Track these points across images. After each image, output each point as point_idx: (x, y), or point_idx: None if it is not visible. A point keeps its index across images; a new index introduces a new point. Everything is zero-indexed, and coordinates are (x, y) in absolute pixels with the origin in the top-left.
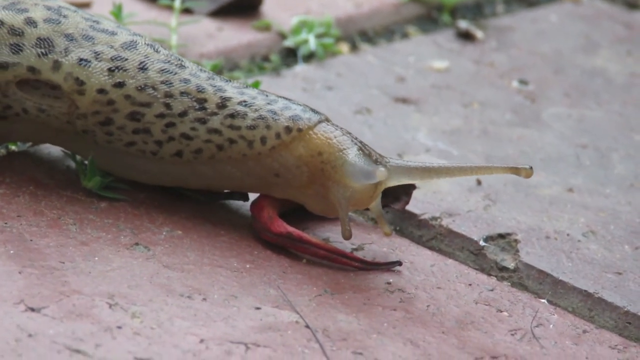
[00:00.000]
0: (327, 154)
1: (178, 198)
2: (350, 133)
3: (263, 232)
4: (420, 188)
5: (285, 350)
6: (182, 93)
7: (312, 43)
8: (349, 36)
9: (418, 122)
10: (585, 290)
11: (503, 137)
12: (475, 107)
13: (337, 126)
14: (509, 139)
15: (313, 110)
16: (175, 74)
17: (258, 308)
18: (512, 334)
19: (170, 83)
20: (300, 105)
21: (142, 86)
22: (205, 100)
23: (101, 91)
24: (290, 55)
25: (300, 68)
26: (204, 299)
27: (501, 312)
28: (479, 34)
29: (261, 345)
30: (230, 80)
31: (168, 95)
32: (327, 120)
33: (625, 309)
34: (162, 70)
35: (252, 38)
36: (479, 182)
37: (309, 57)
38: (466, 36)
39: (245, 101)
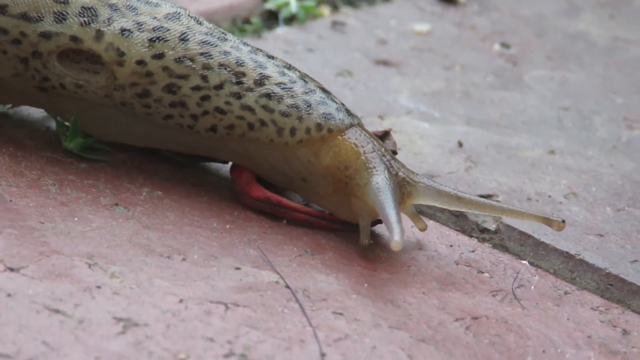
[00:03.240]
0: (353, 170)
1: (158, 159)
2: (382, 146)
3: (242, 196)
4: (401, 149)
5: (265, 311)
6: (220, 65)
7: (294, 6)
8: None
9: (399, 84)
10: (567, 252)
11: (485, 99)
12: (457, 70)
13: (368, 136)
14: (491, 101)
15: (348, 111)
16: (216, 46)
17: (238, 268)
18: (493, 295)
19: (210, 55)
20: (336, 102)
21: (181, 58)
22: (243, 75)
23: (140, 62)
24: (272, 18)
25: (281, 30)
26: (184, 259)
27: (482, 273)
28: None
29: (241, 305)
30: (273, 58)
31: (206, 67)
32: (360, 124)
33: (607, 271)
34: (203, 42)
35: (233, 0)
36: (460, 144)
37: (290, 19)
38: None
39: (284, 83)
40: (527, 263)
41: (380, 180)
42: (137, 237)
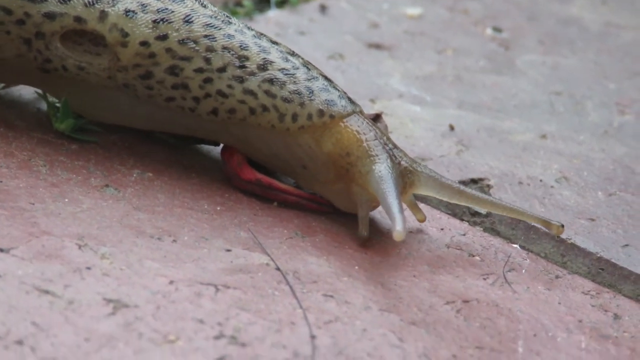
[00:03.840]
0: (355, 157)
1: (150, 141)
2: (383, 134)
3: (233, 178)
4: (392, 132)
5: (255, 293)
6: (224, 48)
7: None
8: None
9: (391, 68)
10: (558, 236)
11: (477, 83)
12: (449, 54)
13: (370, 123)
14: (483, 85)
15: (349, 99)
16: (220, 29)
17: (228, 250)
18: (484, 279)
19: (213, 37)
20: (338, 90)
21: (184, 40)
22: (246, 59)
23: (144, 43)
24: (263, 1)
25: (273, 13)
26: (174, 241)
27: (473, 256)
28: None
29: (231, 287)
30: (277, 44)
31: (209, 49)
32: (362, 112)
33: (598, 255)
34: (207, 24)
35: None
36: (451, 128)
37: (282, 2)
38: None
39: (287, 69)
40: (518, 247)
41: (382, 168)
42: (128, 218)
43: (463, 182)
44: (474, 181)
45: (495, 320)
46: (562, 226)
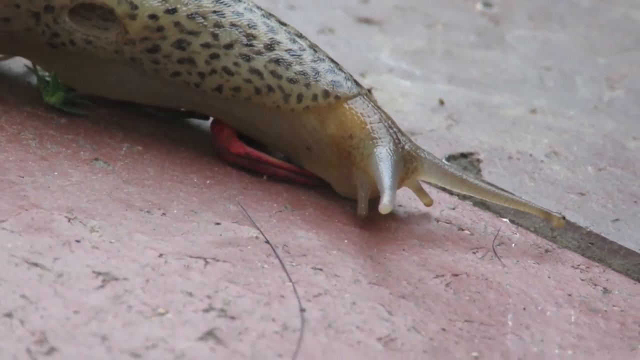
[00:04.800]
0: (358, 139)
1: (139, 115)
2: (388, 118)
3: (222, 152)
4: (382, 107)
5: (245, 266)
6: (232, 25)
7: None
8: None
9: (381, 42)
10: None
11: (467, 58)
12: (438, 29)
13: (376, 107)
14: (473, 60)
15: (355, 81)
16: (229, 5)
17: (218, 223)
18: (474, 253)
19: (222, 13)
20: (344, 72)
21: (193, 14)
22: (254, 37)
23: (152, 17)
24: None
25: None
26: (164, 214)
27: (463, 230)
28: None
29: (220, 260)
30: (285, 25)
31: (217, 25)
32: (368, 95)
33: (588, 230)
34: (216, 0)
35: None
36: (441, 102)
37: None
38: None
39: (293, 50)
40: (508, 221)
41: (383, 151)
42: (117, 191)
43: (453, 157)
44: (463, 155)
45: (485, 294)
46: (564, 218)
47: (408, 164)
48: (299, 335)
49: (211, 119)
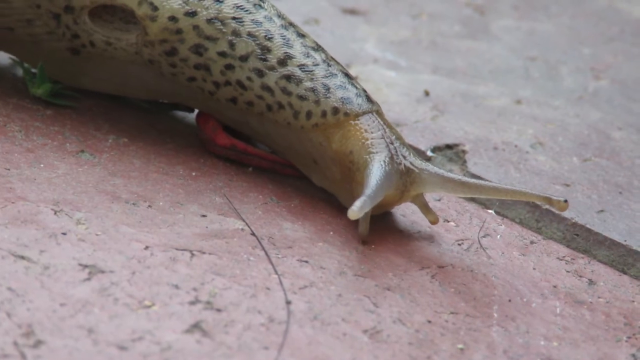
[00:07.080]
0: (356, 155)
1: (124, 106)
2: (393, 134)
3: (208, 143)
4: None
5: (231, 258)
6: (249, 34)
7: None
8: None
9: (366, 33)
10: (533, 202)
11: (452, 48)
12: (424, 19)
13: (384, 123)
14: (458, 50)
15: (368, 97)
16: (250, 12)
17: (204, 215)
18: (459, 244)
19: (241, 21)
20: (357, 88)
21: (213, 19)
22: (269, 50)
23: (172, 18)
24: None
25: None
26: (150, 206)
27: (448, 222)
28: None
29: (206, 252)
30: (303, 36)
31: (235, 33)
32: (379, 112)
33: (573, 221)
34: (237, 6)
35: None
36: (427, 93)
37: None
38: None
39: (306, 66)
40: (493, 212)
41: (376, 162)
42: (103, 183)
43: (438, 148)
44: (449, 147)
45: (470, 285)
46: (566, 201)
47: (405, 176)
48: (284, 328)
49: (196, 110)
